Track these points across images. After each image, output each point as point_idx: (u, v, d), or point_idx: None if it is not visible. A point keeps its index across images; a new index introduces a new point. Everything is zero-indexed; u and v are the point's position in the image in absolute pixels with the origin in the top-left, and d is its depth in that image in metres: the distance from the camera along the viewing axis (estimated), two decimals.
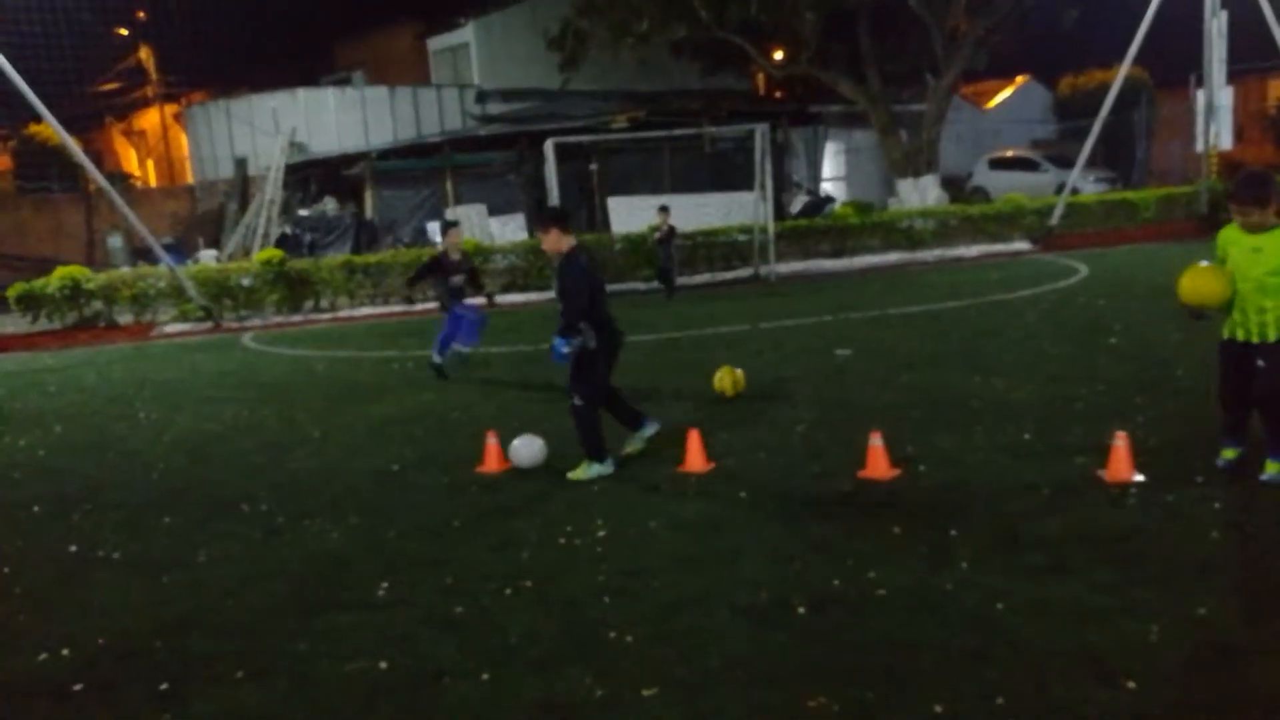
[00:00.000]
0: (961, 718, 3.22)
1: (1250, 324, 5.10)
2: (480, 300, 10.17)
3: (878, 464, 5.76)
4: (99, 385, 11.35)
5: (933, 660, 3.59)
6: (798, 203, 26.85)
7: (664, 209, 16.39)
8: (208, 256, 23.14)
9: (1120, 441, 5.39)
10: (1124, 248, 18.57)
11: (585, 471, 6.12)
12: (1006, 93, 36.05)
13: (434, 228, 22.93)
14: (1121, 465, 5.34)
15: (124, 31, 38.91)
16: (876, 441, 5.81)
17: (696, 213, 19.94)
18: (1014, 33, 25.72)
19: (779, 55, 27.48)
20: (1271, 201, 4.99)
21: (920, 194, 24.34)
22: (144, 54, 39.06)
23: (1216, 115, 20.47)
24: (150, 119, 42.07)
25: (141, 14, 38.62)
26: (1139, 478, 5.30)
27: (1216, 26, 19.70)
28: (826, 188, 30.57)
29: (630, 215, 21.35)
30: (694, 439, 6.27)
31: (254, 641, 4.18)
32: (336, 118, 28.63)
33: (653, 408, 7.89)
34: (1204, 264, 5.30)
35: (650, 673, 3.64)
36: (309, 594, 4.67)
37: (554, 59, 25.81)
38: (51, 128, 17.17)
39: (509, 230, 22.84)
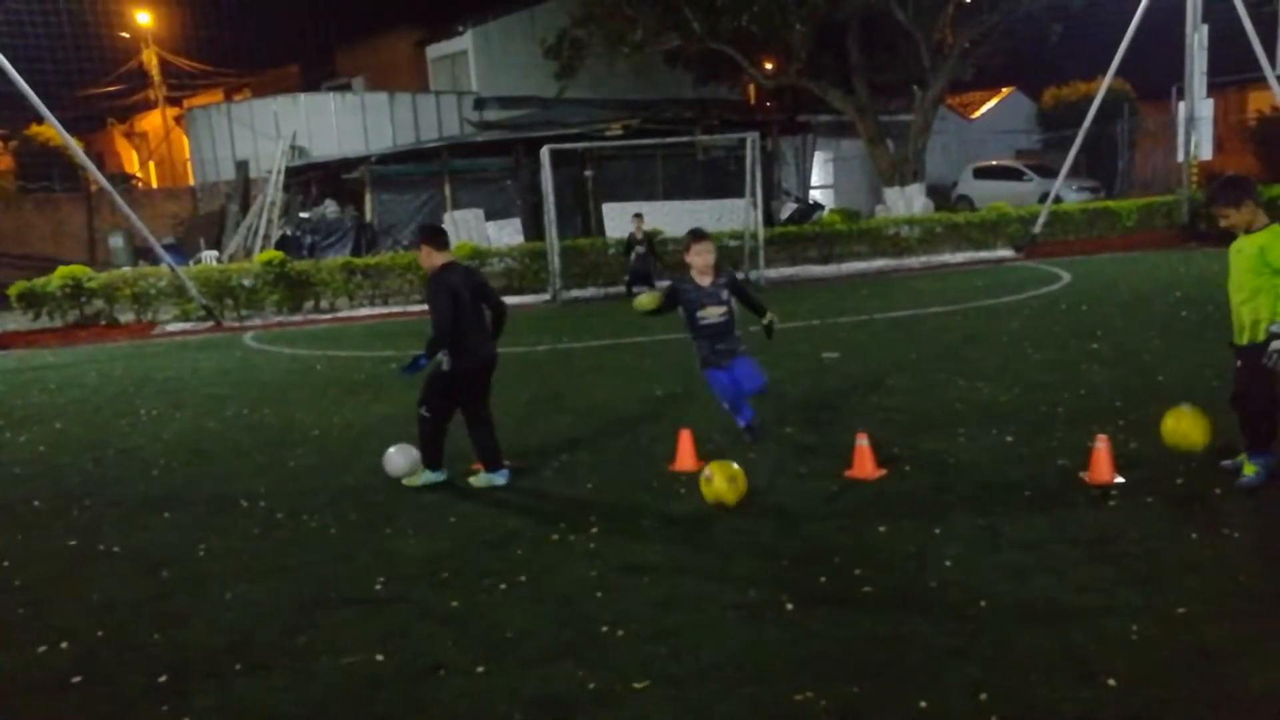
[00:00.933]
0: (946, 714, 3.28)
1: (1237, 328, 5.19)
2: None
3: (864, 464, 5.85)
4: (100, 383, 11.33)
5: (918, 657, 3.65)
6: (787, 209, 27.03)
7: (638, 216, 16.73)
8: (209, 257, 23.14)
9: (1101, 444, 5.47)
10: (1105, 255, 18.65)
11: (419, 479, 6.26)
12: (991, 103, 36.31)
13: None
14: (1102, 467, 5.42)
15: (127, 35, 38.95)
16: (863, 442, 5.89)
17: (689, 218, 20.00)
18: (999, 45, 25.89)
19: (770, 66, 27.61)
20: (1244, 202, 5.07)
21: (906, 202, 24.50)
22: (147, 57, 39.06)
23: (1197, 126, 20.58)
24: (152, 121, 42.06)
25: (146, 17, 38.64)
26: (1119, 480, 5.39)
27: (1198, 39, 19.84)
28: (815, 195, 30.73)
29: (624, 220, 21.47)
30: (685, 439, 6.35)
31: (252, 635, 4.22)
32: (337, 122, 28.65)
33: (644, 408, 8.02)
34: (1185, 407, 5.52)
35: (642, 668, 3.70)
36: (307, 589, 4.72)
37: (551, 67, 25.90)
38: (54, 129, 17.19)
39: (505, 234, 22.96)
